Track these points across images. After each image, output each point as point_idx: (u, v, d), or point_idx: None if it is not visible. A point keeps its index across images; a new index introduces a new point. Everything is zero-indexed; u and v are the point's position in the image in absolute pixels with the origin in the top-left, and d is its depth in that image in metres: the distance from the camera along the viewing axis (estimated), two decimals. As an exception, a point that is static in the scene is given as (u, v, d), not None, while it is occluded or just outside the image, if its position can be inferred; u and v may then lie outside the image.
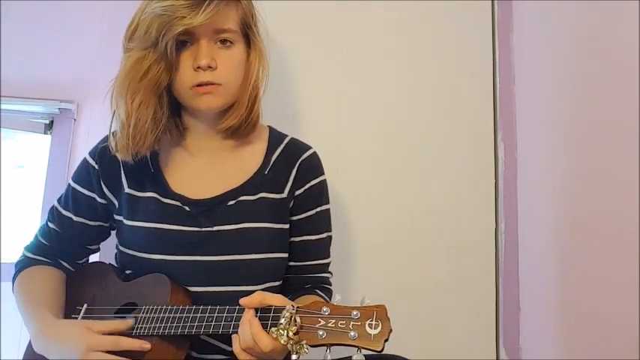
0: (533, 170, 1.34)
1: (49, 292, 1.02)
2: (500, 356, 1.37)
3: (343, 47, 1.45)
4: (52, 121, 1.60)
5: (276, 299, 0.81)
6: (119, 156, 1.00)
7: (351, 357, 0.70)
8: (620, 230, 0.97)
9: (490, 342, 1.38)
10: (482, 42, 1.47)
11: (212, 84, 0.96)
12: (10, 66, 1.54)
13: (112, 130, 1.01)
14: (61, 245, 1.07)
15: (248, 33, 1.03)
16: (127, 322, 0.92)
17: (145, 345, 0.87)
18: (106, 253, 1.19)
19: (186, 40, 0.95)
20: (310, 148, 1.09)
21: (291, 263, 1.05)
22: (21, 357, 1.02)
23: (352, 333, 0.71)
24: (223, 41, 0.97)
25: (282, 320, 0.74)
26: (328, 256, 1.09)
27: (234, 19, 0.99)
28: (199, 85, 0.95)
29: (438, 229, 1.41)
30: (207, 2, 0.90)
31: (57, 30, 1.59)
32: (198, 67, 0.94)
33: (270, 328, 0.76)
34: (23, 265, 1.06)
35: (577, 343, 1.11)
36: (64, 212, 1.06)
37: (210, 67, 0.95)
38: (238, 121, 1.01)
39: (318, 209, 1.06)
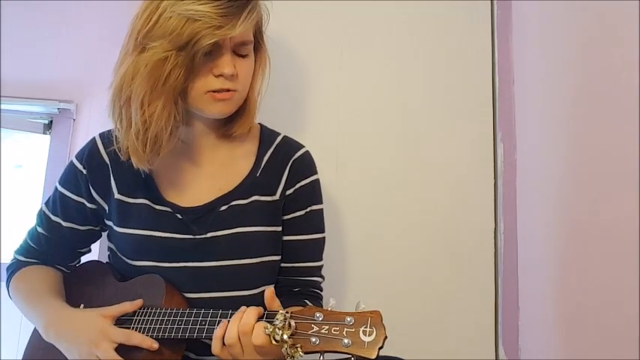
0: (532, 171, 1.34)
1: (51, 286, 1.02)
2: (500, 356, 1.36)
3: (342, 47, 1.45)
4: (51, 121, 1.61)
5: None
6: (133, 163, 0.95)
7: None
8: (620, 230, 0.97)
9: (489, 342, 1.38)
10: (481, 42, 1.46)
11: (230, 91, 0.94)
12: (10, 66, 1.55)
13: (115, 134, 0.97)
14: (51, 249, 1.06)
15: (258, 38, 1.01)
16: (136, 304, 0.92)
17: (154, 344, 0.87)
18: (100, 251, 1.19)
19: None
20: (302, 147, 1.08)
21: (281, 264, 1.04)
22: (21, 357, 1.02)
23: (345, 340, 0.70)
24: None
25: (277, 322, 0.73)
26: (319, 259, 1.07)
27: (253, 28, 0.97)
28: (217, 91, 0.93)
29: (438, 229, 1.41)
30: (243, 13, 0.88)
31: (57, 30, 1.59)
32: (220, 75, 0.92)
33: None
34: (16, 267, 1.06)
35: (576, 343, 1.11)
36: (52, 217, 1.04)
37: (232, 76, 0.93)
38: (245, 128, 1.01)
39: (308, 209, 1.04)
